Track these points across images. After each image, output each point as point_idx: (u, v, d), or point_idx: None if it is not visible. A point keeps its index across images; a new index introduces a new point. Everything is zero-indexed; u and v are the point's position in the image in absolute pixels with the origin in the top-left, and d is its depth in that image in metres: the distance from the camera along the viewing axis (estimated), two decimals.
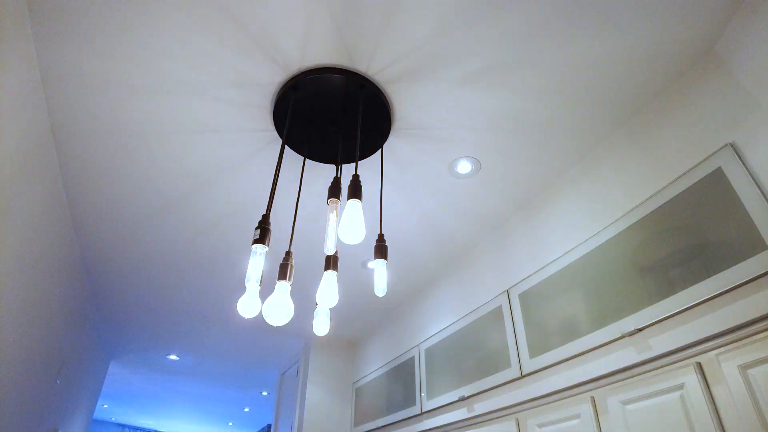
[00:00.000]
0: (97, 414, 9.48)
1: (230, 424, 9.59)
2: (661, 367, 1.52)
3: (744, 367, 1.30)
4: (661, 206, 1.62)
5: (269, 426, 8.67)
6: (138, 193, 2.24)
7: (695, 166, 1.55)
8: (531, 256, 2.16)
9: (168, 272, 2.99)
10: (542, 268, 2.05)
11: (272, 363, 4.92)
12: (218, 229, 2.51)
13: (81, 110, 1.78)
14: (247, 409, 7.79)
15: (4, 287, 1.84)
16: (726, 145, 1.47)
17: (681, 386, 1.43)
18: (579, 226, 1.95)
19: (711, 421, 1.32)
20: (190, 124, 1.84)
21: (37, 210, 1.98)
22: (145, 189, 2.21)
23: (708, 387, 1.37)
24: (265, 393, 6.32)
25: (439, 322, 2.77)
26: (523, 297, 2.11)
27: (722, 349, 1.37)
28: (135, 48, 1.54)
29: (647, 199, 1.68)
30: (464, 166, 2.04)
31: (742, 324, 1.32)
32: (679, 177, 1.59)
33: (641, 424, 1.51)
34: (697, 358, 1.42)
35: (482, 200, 2.25)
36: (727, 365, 1.34)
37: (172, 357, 5.03)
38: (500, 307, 2.24)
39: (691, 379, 1.40)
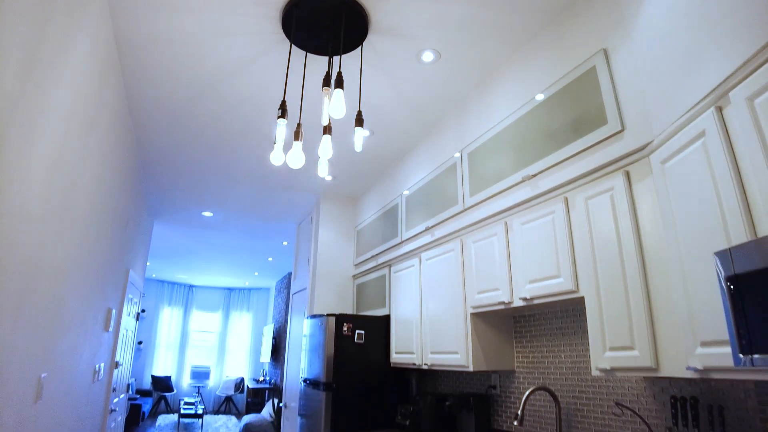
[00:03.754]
0: None
1: (256, 273, 10.80)
2: (545, 201, 2.31)
3: (587, 198, 2.07)
4: (560, 89, 2.28)
5: (290, 274, 10.03)
6: (179, 82, 2.92)
7: (582, 63, 2.17)
8: (478, 125, 2.88)
9: (203, 143, 3.76)
10: (484, 134, 2.78)
11: (290, 216, 5.88)
12: (242, 108, 3.22)
13: (137, 24, 2.40)
14: (270, 259, 8.90)
15: (94, 160, 2.63)
16: (601, 49, 2.08)
17: (553, 212, 2.23)
18: (510, 102, 2.63)
19: (566, 234, 2.13)
20: (218, 31, 2.46)
21: (111, 103, 2.70)
22: (184, 79, 2.88)
23: (568, 212, 2.16)
24: (285, 243, 7.39)
25: (414, 176, 3.60)
26: (471, 155, 2.87)
27: (578, 189, 2.13)
28: None
29: (553, 84, 2.33)
30: (428, 56, 2.67)
31: (589, 171, 2.06)
32: (572, 70, 2.22)
33: (530, 237, 2.34)
34: (565, 194, 2.20)
35: (443, 82, 2.91)
36: (578, 198, 2.11)
37: (206, 214, 5.96)
38: (455, 163, 3.02)
39: (560, 208, 2.20)
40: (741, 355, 1.16)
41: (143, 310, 11.01)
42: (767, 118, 1.27)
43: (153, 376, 10.68)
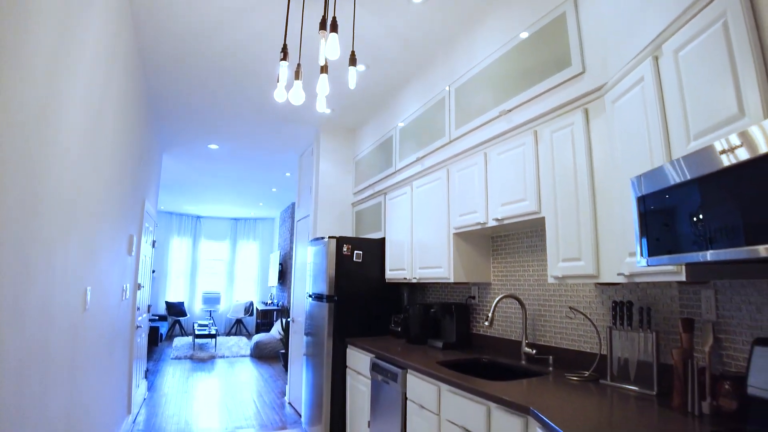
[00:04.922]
0: None
1: (261, 204, 11.12)
2: (518, 134, 2.59)
3: (552, 132, 2.35)
4: (535, 32, 2.50)
5: (293, 204, 10.41)
6: (187, 22, 3.11)
7: (554, 8, 2.37)
8: (464, 62, 3.09)
9: (209, 79, 3.98)
10: (469, 70, 3.01)
11: (292, 148, 6.14)
12: (247, 46, 3.42)
13: None
14: (274, 190, 9.17)
15: (114, 99, 2.89)
16: None
17: (524, 144, 2.52)
18: (492, 42, 2.83)
19: (533, 163, 2.43)
20: None
21: (124, 43, 2.91)
22: (192, 19, 3.07)
23: (536, 144, 2.46)
24: (288, 174, 7.69)
25: (408, 110, 3.85)
26: (457, 90, 3.12)
27: (545, 123, 2.41)
28: None
29: (529, 26, 2.54)
30: None
31: (554, 107, 2.33)
32: (546, 14, 2.42)
33: (504, 166, 2.64)
34: (534, 128, 2.48)
35: (432, 21, 3.09)
36: (545, 131, 2.40)
37: (212, 146, 6.18)
38: (444, 97, 3.27)
39: (529, 140, 2.49)
40: (641, 257, 1.51)
41: (154, 241, 11.54)
42: (686, 68, 1.55)
43: (167, 302, 11.40)
